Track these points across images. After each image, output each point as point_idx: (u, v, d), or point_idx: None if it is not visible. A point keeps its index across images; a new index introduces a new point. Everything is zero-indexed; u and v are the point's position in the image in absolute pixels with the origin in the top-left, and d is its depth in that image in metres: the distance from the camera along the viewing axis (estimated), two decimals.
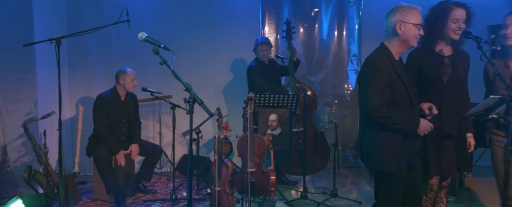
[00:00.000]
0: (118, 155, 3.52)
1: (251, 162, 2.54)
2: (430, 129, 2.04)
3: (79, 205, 3.55)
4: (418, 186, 2.19)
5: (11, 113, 3.35)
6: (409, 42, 2.07)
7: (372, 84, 2.00)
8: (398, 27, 2.04)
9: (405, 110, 2.05)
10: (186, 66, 4.91)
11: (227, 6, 5.00)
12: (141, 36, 2.23)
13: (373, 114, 1.99)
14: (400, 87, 2.04)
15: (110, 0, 4.73)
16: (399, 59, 2.15)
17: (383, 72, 2.00)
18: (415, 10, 2.06)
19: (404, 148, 2.05)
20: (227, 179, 2.56)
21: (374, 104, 1.97)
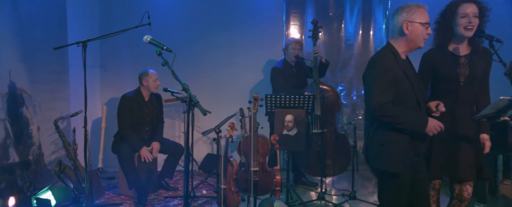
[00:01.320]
0: (142, 151, 3.69)
1: (254, 161, 2.57)
2: (440, 128, 1.97)
3: (105, 199, 3.76)
4: (425, 190, 2.13)
5: (45, 111, 3.61)
6: (416, 42, 2.01)
7: (377, 82, 1.97)
8: (405, 27, 1.99)
9: (412, 109, 2.00)
10: (210, 67, 5.05)
11: (252, 7, 5.07)
12: (146, 39, 2.34)
13: (377, 112, 1.96)
14: (407, 87, 1.99)
15: (138, 3, 4.95)
16: (406, 59, 2.10)
17: (388, 71, 1.97)
18: (421, 8, 2.00)
19: (409, 149, 2.00)
20: (232, 177, 2.61)
21: (378, 102, 1.94)
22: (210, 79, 5.05)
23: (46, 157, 3.62)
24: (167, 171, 4.03)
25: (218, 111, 4.46)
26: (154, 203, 3.63)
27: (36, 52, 3.44)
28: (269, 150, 2.79)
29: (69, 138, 3.66)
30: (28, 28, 3.35)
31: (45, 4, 3.66)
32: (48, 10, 3.70)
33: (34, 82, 3.43)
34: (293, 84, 4.04)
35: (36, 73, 3.47)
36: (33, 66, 3.42)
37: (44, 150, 3.57)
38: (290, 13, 5.10)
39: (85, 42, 3.15)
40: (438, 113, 2.08)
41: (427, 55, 2.35)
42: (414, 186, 2.09)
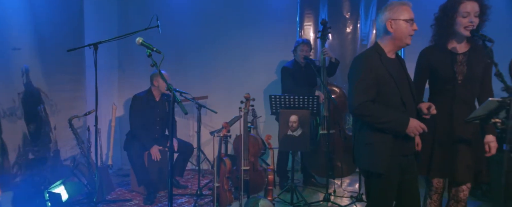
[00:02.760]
0: (152, 149, 3.81)
1: (245, 160, 2.60)
2: (422, 129, 1.94)
3: (117, 194, 3.91)
4: (414, 191, 2.09)
5: (62, 110, 3.80)
6: (402, 39, 2.00)
7: (358, 82, 1.98)
8: (388, 25, 1.99)
9: (396, 109, 1.98)
10: (224, 67, 5.13)
11: (266, 8, 5.10)
12: (138, 41, 2.43)
13: (357, 111, 1.96)
14: (391, 87, 1.98)
15: (155, 4, 5.09)
16: (395, 58, 2.08)
17: (370, 70, 1.97)
18: (405, 5, 2.00)
19: (395, 149, 1.97)
20: (225, 175, 2.66)
21: (358, 101, 1.95)
22: (223, 79, 5.13)
23: (62, 154, 3.81)
24: (177, 170, 4.13)
25: (232, 111, 4.52)
26: (163, 200, 3.74)
27: (53, 53, 3.62)
28: (260, 150, 2.81)
29: (84, 136, 3.83)
30: (45, 29, 3.53)
31: (63, 5, 3.84)
32: (65, 12, 3.88)
33: (51, 82, 3.61)
34: (303, 84, 4.05)
35: (54, 73, 3.66)
36: (51, 66, 3.60)
37: (60, 147, 3.76)
38: (304, 13, 5.09)
39: (96, 45, 3.31)
40: (428, 116, 2.04)
41: (424, 53, 2.31)
42: (403, 187, 2.07)
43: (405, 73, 2.09)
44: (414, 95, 2.10)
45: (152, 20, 3.47)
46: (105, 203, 3.59)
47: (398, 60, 2.10)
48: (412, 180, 2.10)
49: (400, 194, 2.11)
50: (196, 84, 5.06)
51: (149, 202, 3.61)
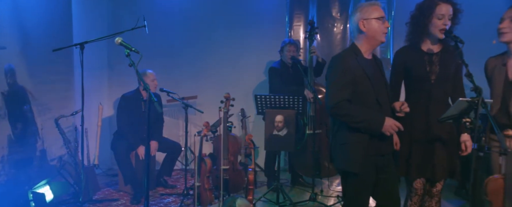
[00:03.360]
0: (138, 149, 3.82)
1: (225, 159, 2.62)
2: (397, 128, 1.97)
3: (105, 194, 3.92)
4: (392, 190, 2.12)
5: (49, 110, 3.80)
6: (376, 37, 2.05)
7: (334, 81, 2.02)
8: (361, 25, 2.05)
9: (371, 109, 2.01)
10: (213, 67, 5.13)
11: (255, 8, 5.12)
12: (117, 41, 2.44)
13: (332, 110, 1.99)
14: (367, 86, 2.01)
15: (145, 4, 5.10)
16: (371, 59, 2.11)
17: (346, 70, 2.00)
18: (374, 5, 2.06)
19: (370, 149, 2.00)
20: (205, 175, 2.68)
21: (333, 100, 1.98)
22: (213, 79, 5.14)
23: (49, 154, 3.81)
24: (165, 169, 4.14)
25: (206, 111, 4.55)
26: (150, 200, 3.74)
27: (40, 53, 3.62)
28: (240, 149, 2.83)
29: (72, 135, 3.84)
30: (30, 29, 3.52)
31: (49, 5, 3.84)
32: (52, 11, 3.87)
33: (37, 82, 3.61)
34: (290, 84, 4.06)
35: (40, 73, 3.66)
36: (37, 66, 3.60)
37: (47, 147, 3.76)
38: (294, 13, 5.11)
39: (83, 44, 3.31)
40: (402, 113, 2.07)
41: (399, 53, 2.35)
42: (382, 186, 2.09)
43: (381, 74, 2.12)
44: (390, 95, 2.13)
45: (139, 20, 3.48)
46: (92, 203, 3.59)
47: (374, 61, 2.14)
48: (390, 180, 2.12)
49: (379, 194, 2.14)
50: (185, 84, 5.07)
51: (136, 201, 3.62)
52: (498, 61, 2.20)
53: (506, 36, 2.08)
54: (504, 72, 2.14)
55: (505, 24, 2.08)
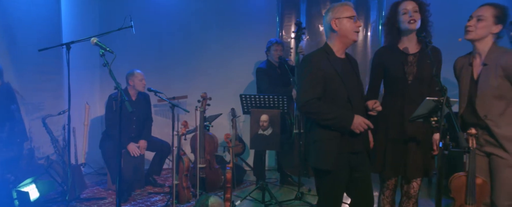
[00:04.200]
0: (129, 146, 3.85)
1: (201, 158, 2.64)
2: (366, 126, 1.98)
3: (94, 193, 3.95)
4: (367, 188, 2.13)
5: (37, 110, 3.83)
6: (348, 36, 2.07)
7: (305, 80, 2.04)
8: (333, 24, 2.07)
9: (342, 107, 2.02)
10: (204, 67, 5.16)
11: (245, 8, 5.14)
12: (92, 41, 2.47)
13: (303, 109, 2.02)
14: (337, 85, 2.03)
15: (136, 4, 5.12)
16: (344, 58, 2.13)
17: (317, 69, 2.02)
18: (346, 5, 2.09)
19: (342, 146, 2.02)
20: (183, 173, 2.70)
21: (304, 99, 2.00)
22: (203, 79, 5.16)
23: (38, 153, 3.85)
24: (154, 168, 4.16)
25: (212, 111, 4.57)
26: (137, 198, 3.77)
27: (27, 53, 3.65)
28: (217, 148, 2.85)
29: (61, 135, 3.87)
30: (17, 29, 3.55)
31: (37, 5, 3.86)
32: (40, 11, 3.90)
33: (25, 81, 3.64)
34: (278, 84, 4.08)
35: (28, 73, 3.69)
36: (24, 66, 3.63)
37: (35, 146, 3.79)
38: (284, 14, 5.12)
39: (69, 44, 3.34)
40: (375, 112, 2.09)
41: (377, 53, 2.38)
42: (355, 184, 2.11)
43: (354, 73, 2.14)
44: (363, 94, 2.15)
45: (126, 20, 3.50)
46: (79, 201, 3.63)
47: (348, 60, 2.15)
48: (364, 178, 2.13)
49: (354, 191, 2.16)
50: (176, 84, 5.10)
51: (122, 200, 3.64)
52: (465, 61, 2.21)
53: (470, 34, 2.09)
54: (470, 71, 2.16)
55: (472, 22, 2.09)
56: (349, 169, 2.07)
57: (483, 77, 2.07)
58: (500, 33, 2.09)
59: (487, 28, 2.05)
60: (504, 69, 2.00)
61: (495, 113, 2.05)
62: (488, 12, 2.05)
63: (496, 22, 2.05)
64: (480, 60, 2.11)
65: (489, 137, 2.08)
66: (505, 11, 2.07)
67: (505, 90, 2.02)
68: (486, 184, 2.11)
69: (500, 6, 2.07)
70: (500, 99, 2.03)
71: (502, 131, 2.04)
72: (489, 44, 2.09)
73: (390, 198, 2.39)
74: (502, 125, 2.04)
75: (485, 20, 2.04)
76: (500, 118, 2.04)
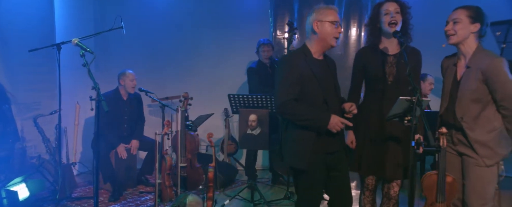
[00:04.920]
0: (118, 148, 3.88)
1: (182, 157, 2.67)
2: (343, 125, 2.00)
3: (85, 192, 3.98)
4: (344, 187, 2.15)
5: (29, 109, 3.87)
6: (327, 40, 2.07)
7: (282, 81, 2.05)
8: (315, 26, 2.07)
9: (318, 108, 2.04)
10: (198, 67, 5.19)
11: (239, 9, 5.17)
12: (74, 41, 2.49)
13: (279, 109, 2.03)
14: (314, 86, 2.04)
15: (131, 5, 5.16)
16: (322, 59, 2.14)
17: (293, 70, 2.03)
18: (331, 10, 2.09)
19: (318, 146, 2.03)
20: (166, 172, 2.72)
21: (280, 99, 2.02)
22: (198, 79, 5.19)
23: (30, 152, 3.89)
24: (146, 168, 4.19)
25: (205, 110, 4.60)
26: (128, 197, 3.80)
27: (19, 53, 3.69)
28: (198, 147, 2.88)
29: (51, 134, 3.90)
30: (8, 30, 3.59)
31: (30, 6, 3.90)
32: (33, 12, 3.94)
33: (16, 81, 3.68)
34: (269, 83, 4.10)
35: (19, 73, 3.73)
36: (15, 66, 3.67)
37: (27, 145, 3.84)
38: (277, 14, 5.13)
39: (59, 45, 3.39)
40: (351, 115, 2.10)
41: (358, 54, 2.39)
42: (333, 183, 2.13)
43: (331, 74, 2.15)
44: (339, 95, 2.17)
45: (116, 21, 3.53)
46: (70, 200, 3.66)
47: (325, 61, 2.16)
48: (342, 177, 2.15)
49: (332, 190, 2.17)
50: (170, 84, 5.13)
51: (113, 199, 3.67)
52: (451, 61, 2.22)
53: (452, 39, 2.10)
54: (453, 72, 2.17)
55: (449, 26, 2.10)
56: (326, 168, 2.09)
57: (465, 80, 2.08)
58: (481, 32, 2.09)
59: (465, 29, 2.06)
60: (483, 73, 2.01)
61: (470, 115, 2.06)
62: (462, 14, 2.06)
63: (472, 22, 2.05)
64: (464, 61, 2.12)
65: (463, 137, 2.09)
66: (478, 10, 2.07)
67: (482, 94, 2.03)
68: (455, 183, 2.14)
69: (471, 6, 2.08)
70: (476, 102, 2.04)
71: (474, 134, 2.05)
72: (473, 46, 2.08)
73: (371, 198, 2.40)
74: (475, 128, 2.06)
75: (461, 22, 2.05)
76: (475, 121, 2.05)
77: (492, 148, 2.03)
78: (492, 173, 2.04)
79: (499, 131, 2.04)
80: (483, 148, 2.03)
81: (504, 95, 1.99)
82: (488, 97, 2.03)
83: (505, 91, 1.98)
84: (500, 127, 2.04)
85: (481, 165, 2.04)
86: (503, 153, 2.05)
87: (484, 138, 2.03)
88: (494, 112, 2.05)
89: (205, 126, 4.87)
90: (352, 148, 2.33)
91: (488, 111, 2.04)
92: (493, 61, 1.99)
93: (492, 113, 2.05)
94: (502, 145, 2.05)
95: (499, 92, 1.99)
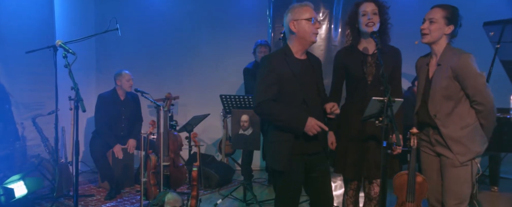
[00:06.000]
0: (115, 148, 3.96)
1: (165, 156, 2.72)
2: (319, 128, 1.99)
3: (84, 190, 4.08)
4: (325, 188, 2.15)
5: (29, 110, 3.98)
6: (306, 38, 2.07)
7: (260, 81, 2.06)
8: (292, 26, 2.07)
9: (297, 108, 2.04)
10: (196, 67, 5.25)
11: (238, 10, 5.22)
12: (57, 43, 2.56)
13: (257, 110, 2.05)
14: (293, 86, 2.05)
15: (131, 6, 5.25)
16: (305, 59, 2.14)
17: (272, 70, 2.04)
18: (305, 6, 2.08)
19: (296, 148, 2.04)
20: (151, 171, 2.78)
21: (258, 100, 2.03)
22: (195, 80, 5.25)
23: (31, 151, 4.00)
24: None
25: (204, 111, 4.65)
26: (125, 196, 3.88)
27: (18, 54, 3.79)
28: (179, 146, 2.93)
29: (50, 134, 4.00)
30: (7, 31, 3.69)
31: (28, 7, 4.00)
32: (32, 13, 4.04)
33: (17, 82, 3.79)
34: None
35: (19, 74, 3.84)
36: (15, 67, 3.78)
37: (28, 144, 3.95)
38: (276, 15, 5.15)
39: (56, 47, 3.47)
40: (333, 115, 2.10)
41: (338, 54, 2.40)
42: (313, 184, 2.14)
43: (313, 74, 2.14)
44: (322, 95, 2.17)
45: (111, 23, 3.61)
46: (67, 198, 3.75)
47: (308, 61, 2.16)
48: (322, 178, 2.16)
49: (312, 191, 2.19)
50: (168, 85, 5.19)
51: (109, 197, 3.75)
52: (424, 61, 2.23)
53: (426, 38, 2.10)
54: (426, 71, 2.17)
55: (425, 25, 2.10)
56: (305, 170, 2.10)
57: (436, 77, 2.09)
58: (453, 33, 2.09)
59: (439, 30, 2.06)
60: (453, 70, 2.01)
61: (443, 112, 2.06)
62: (438, 14, 2.06)
63: (447, 24, 2.06)
64: (436, 60, 2.13)
65: (440, 137, 2.09)
66: (455, 11, 2.07)
67: (453, 91, 2.03)
68: (425, 182, 2.14)
69: (449, 7, 2.07)
70: (448, 99, 2.05)
71: (448, 131, 2.05)
72: (443, 45, 2.10)
73: (353, 198, 2.41)
74: (448, 125, 2.06)
75: (437, 22, 2.06)
76: (448, 117, 2.05)
77: (466, 145, 2.03)
78: (466, 173, 2.04)
79: (473, 127, 2.04)
80: (456, 144, 2.03)
81: (475, 91, 1.99)
82: (460, 94, 2.04)
83: (475, 86, 1.99)
84: (474, 123, 2.05)
85: (456, 165, 2.04)
86: (476, 150, 2.05)
87: (457, 134, 2.03)
88: (468, 109, 2.05)
89: (204, 126, 4.93)
90: (332, 149, 2.34)
91: (461, 107, 2.04)
92: (461, 57, 2.00)
93: (466, 110, 2.05)
94: (476, 142, 2.05)
95: (470, 87, 2.00)
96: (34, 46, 3.62)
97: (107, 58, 5.36)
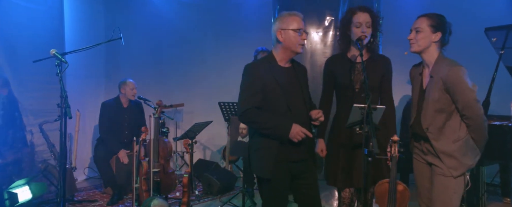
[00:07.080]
0: (120, 153, 4.04)
1: (155, 162, 2.75)
2: (304, 135, 1.98)
3: (89, 195, 4.17)
4: (312, 194, 2.14)
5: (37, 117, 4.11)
6: (292, 48, 2.07)
7: (244, 89, 2.07)
8: (279, 35, 2.07)
9: (282, 116, 2.04)
10: (201, 75, 5.32)
11: (243, 18, 5.28)
12: (51, 52, 2.64)
13: (241, 118, 2.05)
14: (277, 94, 2.05)
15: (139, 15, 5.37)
16: (290, 67, 2.14)
17: (255, 78, 2.05)
18: (294, 16, 2.07)
19: (281, 155, 2.03)
20: (142, 177, 2.82)
21: (242, 108, 2.04)
22: (200, 87, 5.32)
23: (37, 157, 4.12)
24: None
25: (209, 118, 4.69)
26: (126, 201, 3.94)
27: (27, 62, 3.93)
28: (170, 153, 2.97)
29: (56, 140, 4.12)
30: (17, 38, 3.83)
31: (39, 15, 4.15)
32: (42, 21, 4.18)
33: (25, 90, 3.93)
34: None
35: (28, 82, 3.97)
36: (24, 75, 3.91)
37: (35, 150, 4.07)
38: None
39: None
40: (318, 122, 2.09)
41: (328, 62, 2.39)
42: (301, 191, 2.13)
43: (298, 81, 2.14)
44: (308, 103, 2.16)
45: (115, 32, 3.70)
46: (71, 203, 3.84)
47: (293, 69, 2.16)
48: (309, 185, 2.14)
49: (300, 198, 2.17)
50: (173, 92, 5.29)
51: (111, 202, 3.82)
52: (417, 71, 2.19)
53: (413, 47, 2.07)
54: (419, 81, 2.14)
55: (412, 35, 2.07)
56: (292, 177, 2.09)
57: (429, 89, 2.06)
58: (443, 40, 2.06)
59: (426, 38, 2.03)
60: (444, 82, 1.97)
61: (435, 126, 2.03)
62: (423, 23, 2.03)
63: (434, 31, 2.02)
64: (428, 71, 2.09)
65: (431, 147, 2.05)
66: (440, 19, 2.04)
67: (445, 104, 1.99)
68: (406, 191, 2.11)
69: (434, 15, 2.04)
70: (440, 112, 2.01)
71: (439, 144, 2.02)
72: (435, 55, 2.06)
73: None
74: (440, 139, 2.02)
75: (423, 31, 2.03)
76: (440, 131, 2.02)
77: (458, 158, 1.98)
78: (457, 184, 2.00)
79: (465, 140, 2.00)
80: (448, 158, 2.00)
81: (464, 104, 1.95)
82: (452, 107, 2.00)
83: (465, 100, 1.94)
84: (466, 136, 2.00)
85: (447, 175, 1.99)
86: (468, 163, 2.00)
87: (449, 148, 1.99)
88: (460, 122, 2.01)
89: (209, 133, 4.97)
90: (322, 156, 2.33)
91: (453, 121, 2.01)
92: (451, 70, 1.95)
93: (458, 123, 2.01)
94: (468, 156, 2.00)
95: (460, 101, 1.95)
96: (43, 56, 3.74)
97: (116, 66, 5.49)
